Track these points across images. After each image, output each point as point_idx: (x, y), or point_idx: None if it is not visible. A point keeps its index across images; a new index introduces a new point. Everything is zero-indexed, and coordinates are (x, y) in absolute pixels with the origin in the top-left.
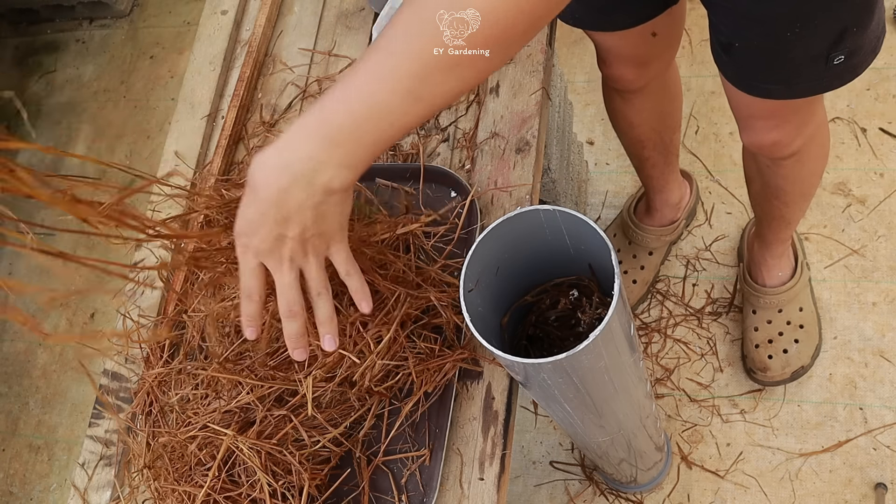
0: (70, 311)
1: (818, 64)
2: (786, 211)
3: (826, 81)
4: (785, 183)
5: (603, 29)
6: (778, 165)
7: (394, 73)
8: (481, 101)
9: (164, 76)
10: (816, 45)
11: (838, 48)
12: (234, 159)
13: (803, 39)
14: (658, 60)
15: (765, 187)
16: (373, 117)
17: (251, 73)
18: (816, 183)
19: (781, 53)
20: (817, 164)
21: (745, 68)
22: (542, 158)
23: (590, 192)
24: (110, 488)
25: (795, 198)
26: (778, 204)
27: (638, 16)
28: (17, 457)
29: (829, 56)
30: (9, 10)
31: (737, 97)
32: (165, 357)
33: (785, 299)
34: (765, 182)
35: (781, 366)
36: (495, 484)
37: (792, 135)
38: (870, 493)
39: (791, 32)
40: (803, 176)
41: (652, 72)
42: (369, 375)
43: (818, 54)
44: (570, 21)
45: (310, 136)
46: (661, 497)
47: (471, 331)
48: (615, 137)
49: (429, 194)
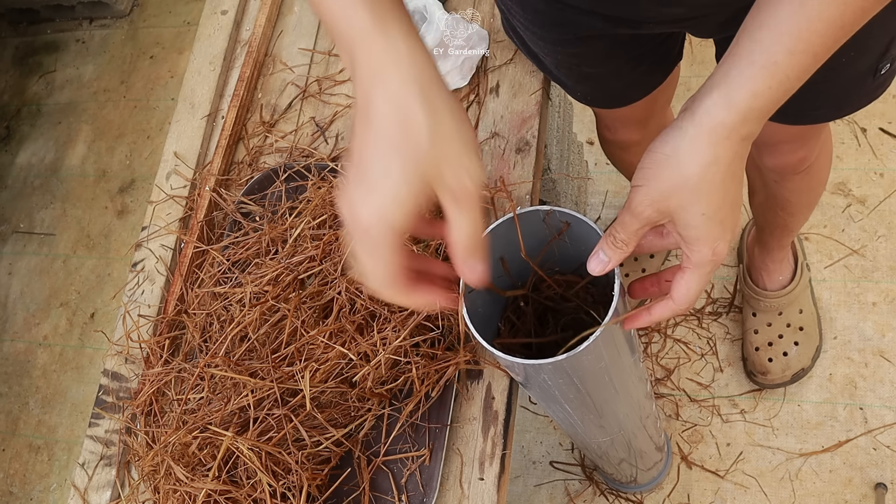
0: (70, 310)
1: (867, 78)
2: (790, 221)
3: (872, 92)
4: (792, 195)
5: (617, 106)
6: (788, 180)
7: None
8: (481, 101)
9: (164, 76)
10: (867, 60)
11: (886, 58)
12: (234, 159)
13: (857, 60)
14: (659, 113)
15: (769, 199)
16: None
17: (251, 73)
18: (821, 192)
19: (834, 79)
20: (824, 173)
21: (793, 104)
22: (542, 158)
23: (590, 192)
24: (110, 488)
25: (801, 208)
26: (783, 215)
27: (648, 87)
28: (17, 457)
29: (878, 67)
30: (9, 10)
31: (765, 127)
32: (165, 357)
33: (785, 302)
34: (770, 194)
35: (782, 369)
36: (495, 484)
37: (814, 149)
38: (870, 493)
39: (846, 58)
40: (812, 187)
41: (652, 124)
42: (372, 376)
43: (868, 69)
44: (581, 100)
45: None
46: (661, 497)
47: (471, 331)
48: None
49: None
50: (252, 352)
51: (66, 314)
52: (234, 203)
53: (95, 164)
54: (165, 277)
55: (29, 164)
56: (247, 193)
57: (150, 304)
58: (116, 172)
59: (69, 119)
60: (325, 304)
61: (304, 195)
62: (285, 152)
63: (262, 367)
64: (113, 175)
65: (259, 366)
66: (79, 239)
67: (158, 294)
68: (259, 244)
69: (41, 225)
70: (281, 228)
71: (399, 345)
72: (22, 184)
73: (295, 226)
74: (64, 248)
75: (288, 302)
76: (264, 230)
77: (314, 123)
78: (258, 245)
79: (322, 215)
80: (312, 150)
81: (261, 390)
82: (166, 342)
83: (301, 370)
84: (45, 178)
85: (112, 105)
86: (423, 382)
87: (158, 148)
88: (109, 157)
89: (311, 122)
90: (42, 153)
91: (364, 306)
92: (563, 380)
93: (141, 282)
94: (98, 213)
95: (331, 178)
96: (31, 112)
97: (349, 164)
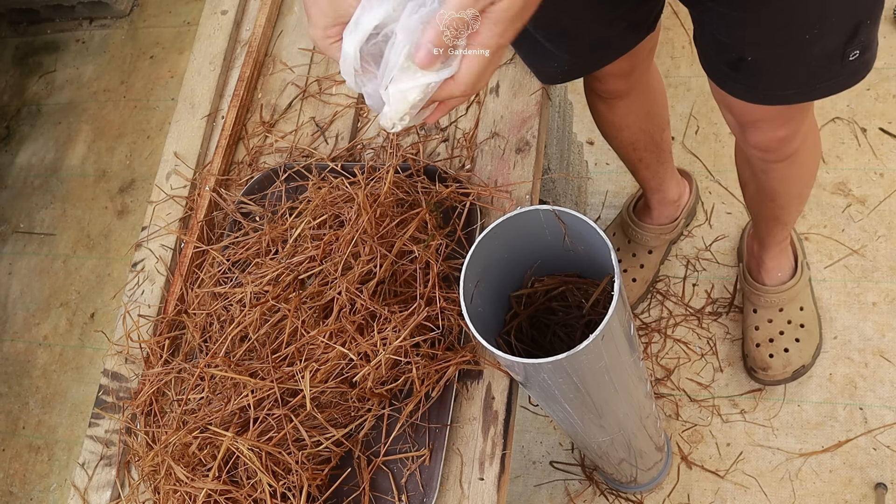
0: (70, 310)
1: (834, 62)
2: (781, 213)
3: (842, 79)
4: (780, 185)
5: (594, 70)
6: (772, 169)
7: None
8: (481, 101)
9: (164, 76)
10: (833, 42)
11: (853, 43)
12: (234, 159)
13: (821, 39)
14: (641, 65)
15: (759, 191)
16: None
17: (251, 73)
18: (810, 183)
19: (799, 57)
20: (811, 162)
21: (758, 80)
22: (542, 158)
23: (590, 192)
24: (110, 488)
25: (790, 199)
26: (773, 206)
27: (623, 48)
28: (17, 457)
29: (845, 52)
30: (9, 10)
31: (740, 106)
32: (165, 357)
33: (786, 298)
34: (759, 185)
35: (783, 365)
36: (495, 484)
37: (796, 129)
38: (870, 493)
39: (809, 34)
40: (798, 176)
41: (635, 76)
42: (372, 376)
43: (834, 52)
44: (560, 80)
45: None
46: (661, 497)
47: (471, 331)
48: None
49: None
50: (252, 352)
51: (66, 314)
52: (234, 203)
53: (95, 164)
54: (165, 277)
55: (29, 164)
56: (247, 193)
57: (150, 304)
58: (116, 172)
59: (69, 119)
60: (326, 304)
61: (304, 195)
62: (285, 152)
63: (262, 368)
64: (113, 175)
65: (259, 366)
66: (79, 239)
67: (158, 294)
68: (259, 244)
69: (41, 225)
70: (281, 228)
71: (399, 345)
72: (22, 184)
73: (295, 226)
74: (64, 248)
75: (288, 302)
76: (264, 230)
77: (314, 123)
78: (258, 245)
79: (322, 215)
80: (312, 150)
81: (261, 390)
82: (166, 342)
83: (301, 370)
84: (45, 178)
85: (112, 105)
86: (423, 382)
87: (158, 148)
88: (109, 157)
89: (311, 122)
90: (42, 153)
91: (364, 306)
92: (563, 379)
93: (141, 282)
94: (98, 213)
95: (331, 178)
96: (31, 112)
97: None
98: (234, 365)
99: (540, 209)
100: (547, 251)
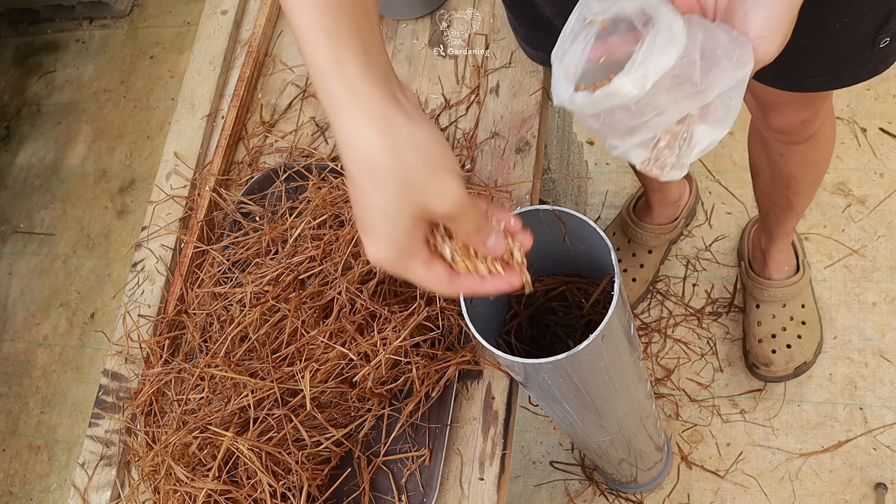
0: (70, 310)
1: (865, 50)
2: (795, 201)
3: (871, 66)
4: (798, 169)
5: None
6: (792, 151)
7: None
8: (481, 101)
9: (164, 76)
10: (864, 30)
11: (884, 31)
12: (234, 159)
13: (852, 27)
14: None
15: (774, 177)
16: None
17: (251, 73)
18: (825, 168)
19: (830, 45)
20: (829, 146)
21: (787, 69)
22: (542, 158)
23: (590, 192)
24: (110, 488)
25: (805, 186)
26: (788, 193)
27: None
28: (17, 457)
29: (876, 40)
30: (9, 10)
31: (763, 89)
32: (165, 357)
33: (789, 294)
34: (775, 171)
35: (785, 360)
36: (495, 484)
37: (818, 115)
38: (870, 493)
39: (840, 22)
40: (817, 160)
41: None
42: (372, 376)
43: (865, 39)
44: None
45: None
46: (661, 497)
47: (471, 331)
48: None
49: None
50: (252, 352)
51: (66, 314)
52: (234, 203)
53: (95, 164)
54: (165, 277)
55: (29, 164)
56: (247, 193)
57: (150, 304)
58: (116, 172)
59: (69, 119)
60: (326, 304)
61: (305, 195)
62: (285, 152)
63: (262, 368)
64: (113, 175)
65: (259, 366)
66: (79, 239)
67: (158, 294)
68: (259, 244)
69: (41, 225)
70: (281, 228)
71: (399, 345)
72: (22, 184)
73: (295, 226)
74: (64, 248)
75: (288, 302)
76: (264, 230)
77: (314, 123)
78: (258, 245)
79: (322, 215)
80: (312, 150)
81: (261, 390)
82: (166, 342)
83: (301, 370)
84: (45, 178)
85: (112, 105)
86: (423, 382)
87: (158, 148)
88: (109, 157)
89: (311, 122)
90: (42, 153)
91: (364, 306)
92: (563, 379)
93: (141, 282)
94: (98, 213)
95: (331, 178)
96: (31, 112)
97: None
98: (234, 365)
99: (540, 209)
100: (547, 251)
